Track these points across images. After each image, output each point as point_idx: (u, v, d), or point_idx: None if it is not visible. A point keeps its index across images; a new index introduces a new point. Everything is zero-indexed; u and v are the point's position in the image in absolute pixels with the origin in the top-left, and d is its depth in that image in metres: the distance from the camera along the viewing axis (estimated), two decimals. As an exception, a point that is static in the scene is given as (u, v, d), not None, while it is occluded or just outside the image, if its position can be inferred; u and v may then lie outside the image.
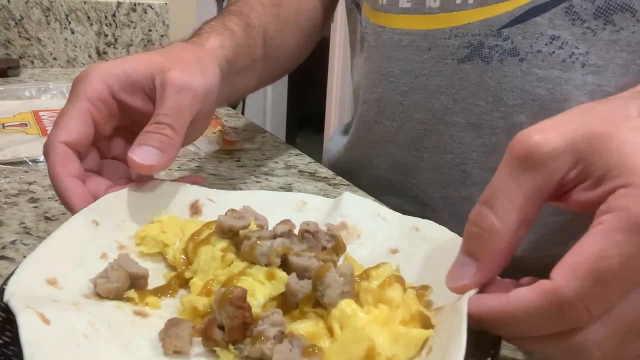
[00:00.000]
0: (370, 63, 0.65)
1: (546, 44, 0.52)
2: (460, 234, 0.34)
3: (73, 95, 0.45)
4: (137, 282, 0.37)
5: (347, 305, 0.32)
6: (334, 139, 0.80)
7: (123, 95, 0.46)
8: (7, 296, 0.31)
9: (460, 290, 0.31)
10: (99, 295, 0.35)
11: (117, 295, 0.36)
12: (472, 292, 0.30)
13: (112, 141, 0.48)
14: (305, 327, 0.32)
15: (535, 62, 0.53)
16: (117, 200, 0.42)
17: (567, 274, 0.26)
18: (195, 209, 0.45)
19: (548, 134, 0.29)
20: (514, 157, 0.30)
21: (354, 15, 0.72)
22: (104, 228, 0.40)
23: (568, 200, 0.30)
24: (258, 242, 0.37)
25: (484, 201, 0.30)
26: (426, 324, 0.32)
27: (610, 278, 0.26)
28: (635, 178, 0.27)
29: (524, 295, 0.27)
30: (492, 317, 0.29)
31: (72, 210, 0.41)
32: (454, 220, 0.42)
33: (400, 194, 0.46)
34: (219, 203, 0.46)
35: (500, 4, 0.53)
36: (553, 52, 0.52)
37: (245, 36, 0.61)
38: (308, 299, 0.34)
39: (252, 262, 0.37)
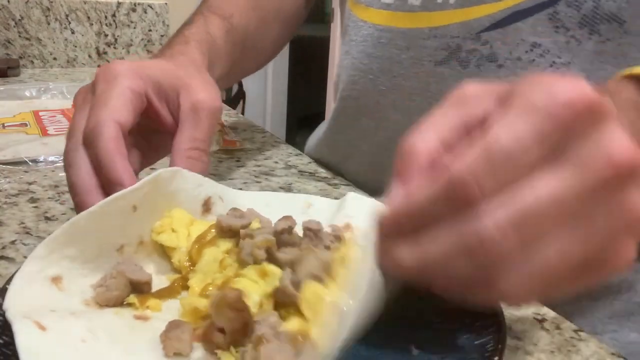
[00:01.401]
0: (349, 58, 0.65)
1: (526, 51, 0.50)
2: None
3: (111, 83, 0.44)
4: (140, 287, 0.37)
5: (308, 288, 0.31)
6: (315, 135, 0.80)
7: (154, 97, 0.47)
8: (5, 305, 0.31)
9: None
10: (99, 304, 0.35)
11: (117, 303, 0.35)
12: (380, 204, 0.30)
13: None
14: (290, 324, 0.32)
15: (514, 70, 0.51)
16: (151, 186, 0.40)
17: (458, 155, 0.26)
18: (207, 207, 0.45)
19: (482, 85, 0.30)
20: (446, 99, 0.31)
21: (343, 4, 0.71)
22: (137, 215, 0.39)
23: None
24: (241, 243, 0.37)
25: (413, 132, 0.31)
26: None
27: (497, 151, 0.25)
28: (544, 82, 0.26)
29: (424, 183, 0.27)
30: (401, 214, 0.29)
31: (115, 187, 0.40)
32: None
33: (375, 193, 0.45)
34: (227, 203, 0.46)
35: (481, 6, 0.51)
36: (533, 60, 0.50)
37: (225, 41, 0.62)
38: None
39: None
